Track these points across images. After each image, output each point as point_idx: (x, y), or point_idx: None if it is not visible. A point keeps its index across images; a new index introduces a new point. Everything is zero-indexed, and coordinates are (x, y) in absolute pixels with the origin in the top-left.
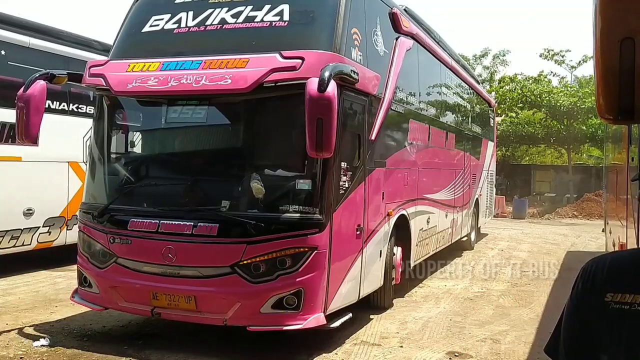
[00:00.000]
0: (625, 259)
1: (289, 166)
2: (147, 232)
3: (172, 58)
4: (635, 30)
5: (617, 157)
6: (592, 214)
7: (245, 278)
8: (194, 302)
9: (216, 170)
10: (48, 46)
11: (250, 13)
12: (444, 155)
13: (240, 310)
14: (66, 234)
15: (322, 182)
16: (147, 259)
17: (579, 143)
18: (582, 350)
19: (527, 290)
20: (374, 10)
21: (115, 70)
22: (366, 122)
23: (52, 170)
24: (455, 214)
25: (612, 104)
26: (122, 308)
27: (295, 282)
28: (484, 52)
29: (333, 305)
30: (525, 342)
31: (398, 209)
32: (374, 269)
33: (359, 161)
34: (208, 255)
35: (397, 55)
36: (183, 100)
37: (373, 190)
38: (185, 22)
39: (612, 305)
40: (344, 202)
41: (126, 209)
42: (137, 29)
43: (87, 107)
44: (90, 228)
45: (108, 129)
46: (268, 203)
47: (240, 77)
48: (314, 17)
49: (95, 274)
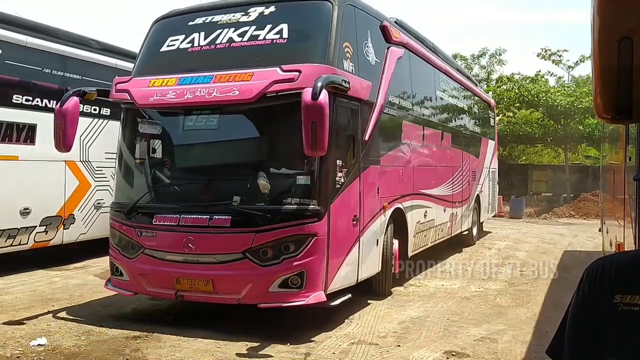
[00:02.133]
0: (633, 259)
1: (290, 165)
2: (170, 225)
3: (187, 74)
4: (633, 29)
5: (614, 156)
6: (589, 214)
7: (255, 262)
8: (212, 285)
9: (227, 170)
10: (45, 45)
11: (254, 32)
12: (440, 153)
13: (251, 290)
14: (63, 233)
15: (319, 177)
16: (170, 249)
17: (576, 143)
18: (589, 352)
19: (524, 289)
20: (364, 25)
21: (138, 86)
22: (359, 124)
23: (49, 170)
24: (454, 209)
25: (609, 104)
26: (150, 292)
27: (298, 264)
28: (482, 52)
29: (333, 285)
30: (522, 341)
31: (393, 202)
32: (371, 255)
33: (353, 159)
34: (222, 243)
35: (388, 64)
36: (197, 110)
37: (368, 185)
38: (198, 42)
39: (622, 307)
40: (340, 195)
41: (151, 206)
42: (156, 49)
43: (84, 106)
44: (121, 224)
45: (133, 137)
46: (273, 197)
47: (246, 89)
48: (310, 34)
49: (126, 264)
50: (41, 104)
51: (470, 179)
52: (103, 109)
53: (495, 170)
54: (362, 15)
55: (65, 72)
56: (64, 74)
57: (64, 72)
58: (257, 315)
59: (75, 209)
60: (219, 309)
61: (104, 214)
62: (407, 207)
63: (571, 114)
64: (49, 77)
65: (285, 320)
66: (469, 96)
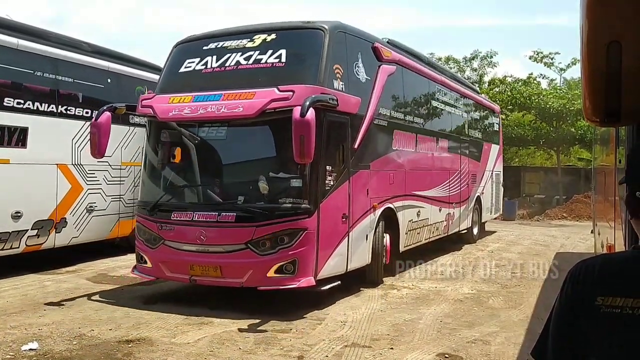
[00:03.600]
0: (615, 262)
1: (285, 170)
2: (185, 221)
3: (200, 92)
4: (622, 33)
5: (606, 159)
6: (581, 216)
7: (255, 252)
8: (220, 271)
9: (233, 174)
10: (37, 47)
11: (257, 56)
12: (435, 158)
13: (252, 275)
14: (55, 236)
15: (310, 181)
16: (185, 240)
17: (568, 145)
18: (571, 353)
19: (516, 291)
20: (354, 47)
21: (160, 102)
22: (349, 134)
23: (41, 173)
24: (450, 209)
25: (598, 107)
26: (168, 277)
27: (291, 254)
28: (474, 55)
29: (322, 273)
30: (515, 343)
31: (384, 202)
32: (361, 248)
33: (342, 165)
34: (228, 236)
35: (378, 80)
36: (209, 124)
37: (357, 187)
38: (211, 64)
39: (603, 309)
40: (330, 196)
41: (170, 204)
42: (175, 69)
43: (76, 109)
44: (145, 219)
45: (155, 145)
46: (270, 197)
47: (249, 106)
48: (304, 59)
49: (149, 253)
50: (33, 107)
51: (469, 182)
52: (95, 112)
53: (499, 173)
54: (352, 39)
55: (57, 74)
56: (55, 76)
57: (56, 74)
58: (247, 332)
59: (67, 212)
60: (209, 315)
61: (96, 218)
62: (398, 207)
63: (563, 116)
64: (40, 79)
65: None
66: (468, 104)
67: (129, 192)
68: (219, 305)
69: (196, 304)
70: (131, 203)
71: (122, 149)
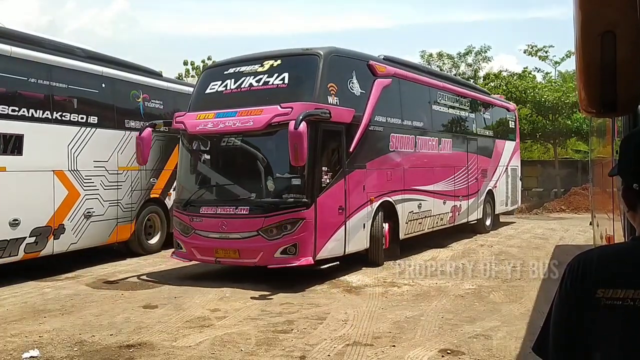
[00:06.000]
0: (614, 253)
1: (287, 172)
2: (211, 214)
3: (221, 110)
4: (616, 23)
5: (602, 150)
6: (579, 208)
7: (265, 237)
8: (238, 253)
9: (247, 175)
10: (30, 54)
11: (266, 79)
12: (438, 156)
13: (263, 256)
14: (53, 243)
15: (308, 179)
16: (211, 230)
17: (564, 137)
18: (573, 348)
19: (517, 285)
20: (348, 67)
21: (190, 118)
22: (344, 140)
23: (37, 180)
24: (457, 202)
25: (594, 97)
26: (199, 259)
27: (293, 238)
28: (468, 50)
29: (321, 254)
30: (516, 337)
31: (381, 196)
32: (358, 235)
33: (338, 166)
34: (244, 225)
35: (373, 93)
36: (227, 135)
37: (353, 184)
38: (229, 86)
39: (604, 302)
40: (326, 191)
41: (199, 201)
42: (203, 91)
43: (71, 114)
44: (180, 213)
45: (187, 153)
46: (276, 194)
47: (257, 121)
48: (302, 80)
49: (183, 240)
50: (28, 114)
51: (479, 176)
52: (90, 117)
53: (516, 168)
54: (345, 60)
55: (52, 81)
56: (50, 83)
57: (50, 81)
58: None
59: (65, 218)
60: (209, 319)
61: (94, 223)
62: (397, 200)
63: (559, 109)
64: (35, 86)
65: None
66: (475, 105)
67: (127, 196)
68: (220, 307)
69: (197, 308)
70: (129, 208)
71: (118, 154)
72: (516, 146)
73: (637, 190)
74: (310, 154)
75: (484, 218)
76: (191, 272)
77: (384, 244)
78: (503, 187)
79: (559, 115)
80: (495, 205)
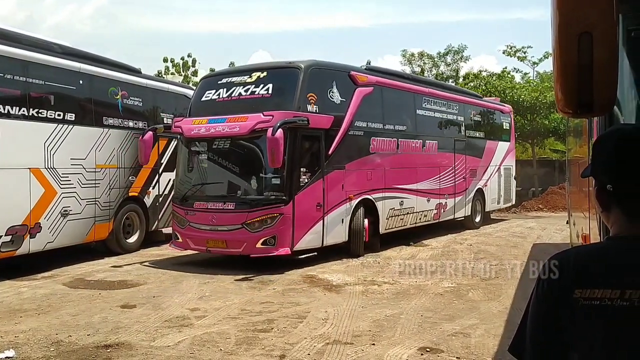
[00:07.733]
0: (590, 253)
1: (269, 172)
2: (202, 208)
3: (213, 116)
4: (593, 24)
5: (579, 150)
6: (556, 207)
7: (248, 230)
8: (225, 244)
9: (234, 175)
10: (6, 50)
11: (253, 89)
12: (422, 157)
13: (246, 247)
14: (29, 242)
15: (286, 179)
16: (203, 223)
17: (542, 137)
18: (551, 348)
19: (495, 283)
20: (328, 78)
21: (187, 123)
22: (323, 144)
23: (13, 178)
24: (442, 200)
25: (571, 98)
26: (193, 248)
27: (272, 231)
28: (447, 50)
29: (299, 245)
30: (494, 334)
31: (361, 194)
32: (336, 229)
33: (317, 167)
34: (230, 219)
35: (353, 101)
36: (217, 139)
37: (332, 183)
38: (222, 95)
39: (582, 302)
40: (304, 190)
41: (193, 196)
42: (199, 98)
43: (48, 111)
44: (177, 207)
45: (183, 155)
46: (259, 191)
47: (243, 127)
48: (284, 91)
49: (180, 231)
50: (3, 110)
51: (467, 176)
52: (67, 114)
53: (509, 168)
54: (325, 72)
55: (28, 77)
56: (26, 79)
57: (27, 77)
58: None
59: (42, 217)
60: (188, 318)
61: (71, 222)
62: (377, 198)
63: (536, 109)
64: (10, 82)
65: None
66: (464, 109)
67: (105, 194)
68: (200, 306)
69: (176, 307)
70: (107, 206)
71: (96, 151)
72: (510, 146)
73: (610, 191)
74: (288, 156)
75: (473, 215)
76: (172, 271)
77: (364, 237)
78: (495, 185)
79: (536, 115)
80: (486, 203)
